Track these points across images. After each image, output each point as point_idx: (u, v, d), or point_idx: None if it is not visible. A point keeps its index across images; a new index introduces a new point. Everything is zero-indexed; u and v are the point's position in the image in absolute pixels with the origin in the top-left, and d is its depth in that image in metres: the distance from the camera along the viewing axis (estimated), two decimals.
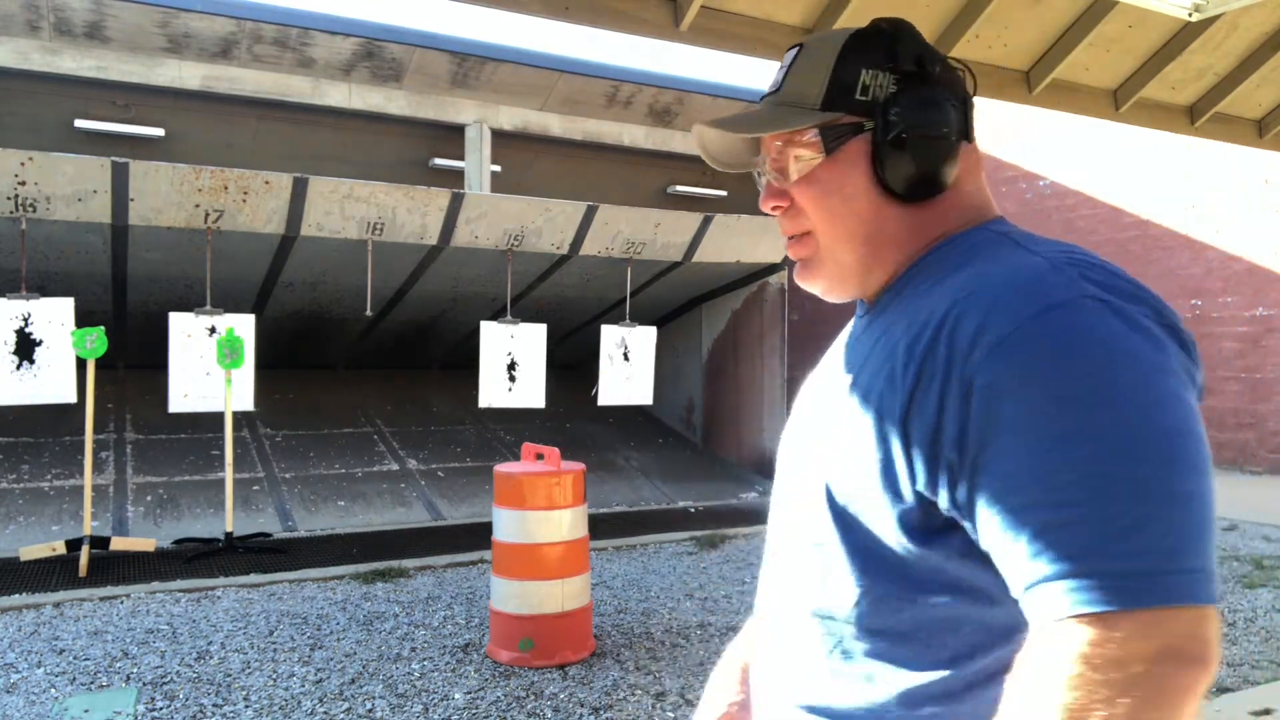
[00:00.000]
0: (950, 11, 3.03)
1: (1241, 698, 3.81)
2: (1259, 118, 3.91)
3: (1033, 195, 13.90)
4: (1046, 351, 0.70)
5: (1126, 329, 0.72)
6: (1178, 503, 0.66)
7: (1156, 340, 0.72)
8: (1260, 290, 11.27)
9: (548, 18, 2.63)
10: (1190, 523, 0.66)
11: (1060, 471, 0.66)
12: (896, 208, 0.88)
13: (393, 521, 7.51)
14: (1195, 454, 0.68)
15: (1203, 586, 0.64)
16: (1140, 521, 0.64)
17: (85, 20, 9.81)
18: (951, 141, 0.87)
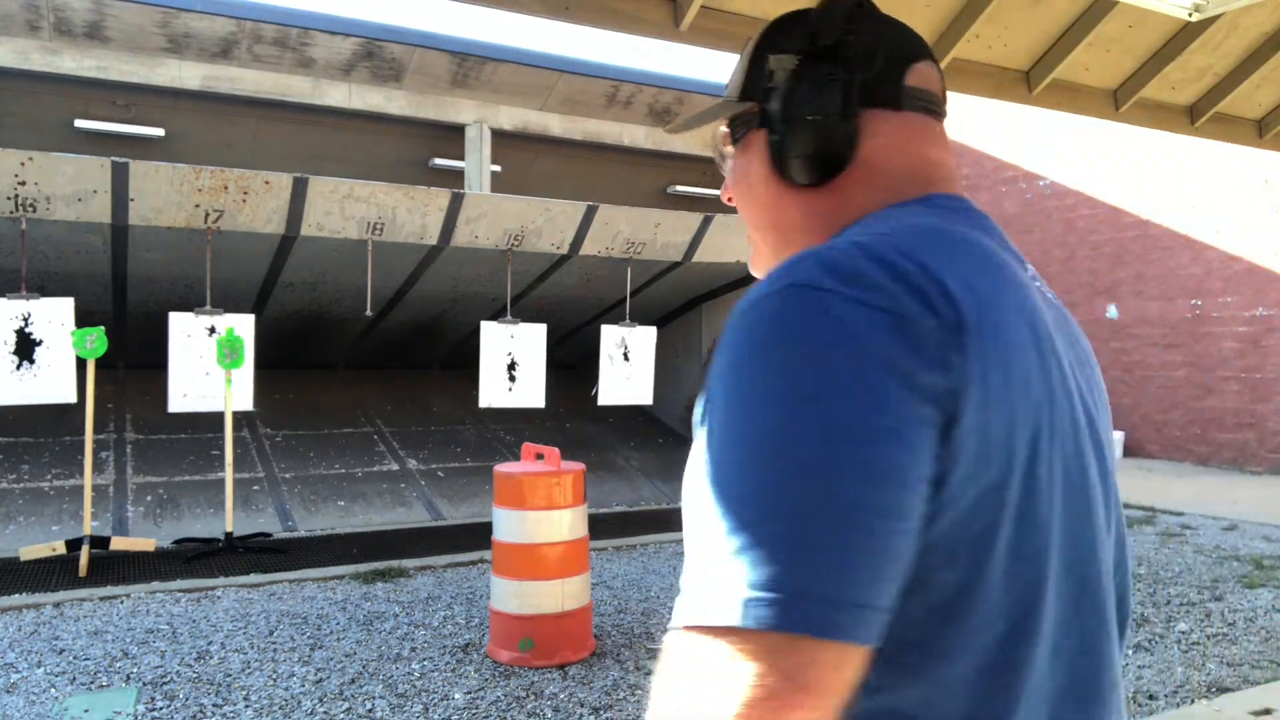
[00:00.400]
0: (950, 11, 3.03)
1: (1241, 698, 3.81)
2: (1259, 118, 3.91)
3: (1033, 195, 13.90)
4: (723, 348, 0.65)
5: (795, 313, 0.62)
6: (784, 522, 0.57)
7: (824, 312, 0.61)
8: (1260, 290, 11.27)
9: (548, 18, 2.63)
10: (790, 538, 0.56)
11: (704, 477, 0.61)
12: (795, 193, 0.83)
13: (393, 521, 7.51)
14: (822, 459, 0.58)
15: (776, 612, 0.55)
16: (739, 541, 0.57)
17: (85, 20, 9.81)
18: (830, 121, 0.79)
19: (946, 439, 0.61)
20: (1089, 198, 13.13)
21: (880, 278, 0.63)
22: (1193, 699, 3.86)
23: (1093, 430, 0.75)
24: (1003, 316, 0.66)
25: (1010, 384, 0.64)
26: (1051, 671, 0.69)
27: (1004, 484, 0.64)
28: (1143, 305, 12.55)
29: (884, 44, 0.82)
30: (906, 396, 0.60)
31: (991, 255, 0.72)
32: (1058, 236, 13.59)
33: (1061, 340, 0.75)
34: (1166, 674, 4.16)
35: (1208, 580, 5.87)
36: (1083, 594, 0.72)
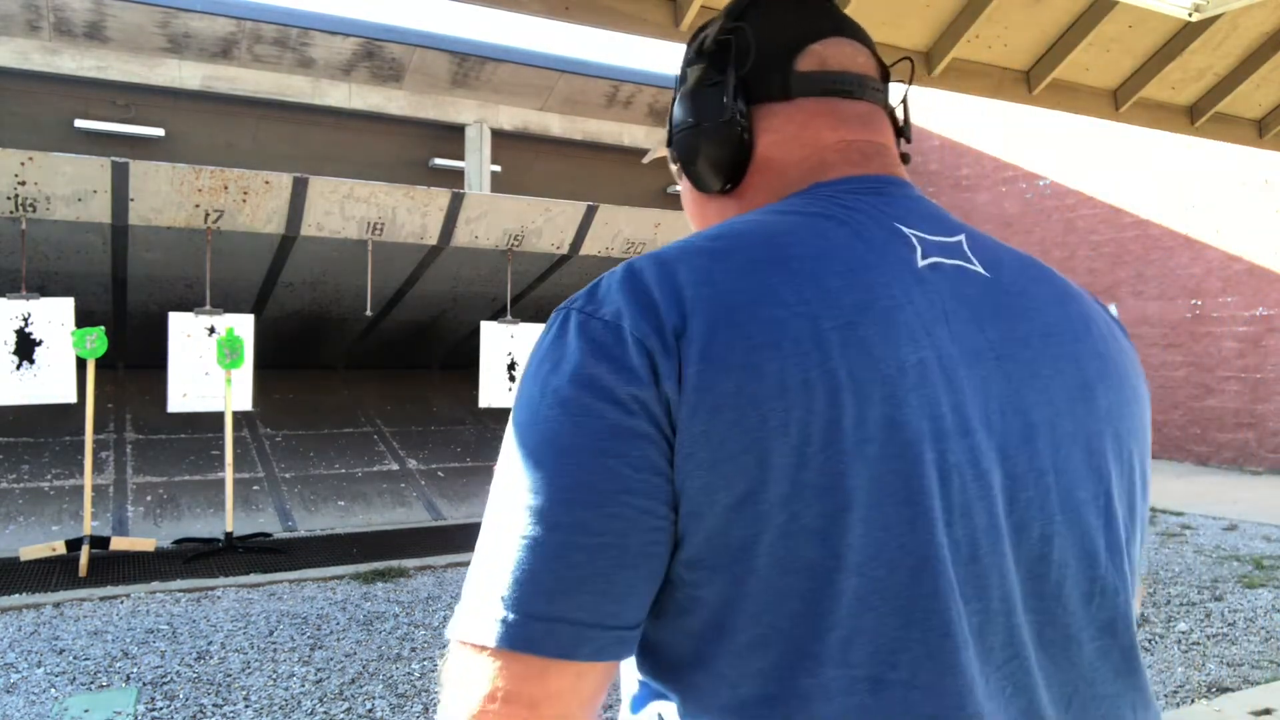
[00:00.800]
0: (950, 11, 3.03)
1: (1241, 698, 3.81)
2: (1259, 118, 3.91)
3: (1033, 195, 13.90)
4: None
5: (547, 338, 0.65)
6: (503, 543, 0.61)
7: (561, 341, 0.64)
8: (1260, 290, 11.28)
9: (548, 18, 2.63)
10: (506, 564, 0.60)
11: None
12: (712, 201, 0.84)
13: (393, 521, 7.51)
14: (531, 486, 0.60)
15: (493, 631, 0.59)
16: (477, 557, 0.63)
17: (85, 20, 9.82)
18: (715, 125, 0.79)
19: (673, 451, 0.60)
20: (1089, 198, 13.14)
21: (618, 292, 0.64)
22: (1193, 699, 3.86)
23: (969, 425, 0.66)
24: (755, 316, 0.62)
25: (757, 386, 0.60)
26: (870, 710, 0.61)
27: (757, 493, 0.60)
28: (1143, 305, 12.56)
29: (767, 34, 0.80)
30: (606, 411, 0.60)
31: (782, 248, 0.67)
32: (1058, 236, 13.59)
33: (959, 321, 0.69)
34: (1166, 674, 4.16)
35: (1208, 580, 5.87)
36: (915, 617, 0.61)
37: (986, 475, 0.65)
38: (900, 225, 0.73)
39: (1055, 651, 0.69)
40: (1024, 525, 0.67)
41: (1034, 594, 0.68)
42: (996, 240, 0.80)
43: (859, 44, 0.83)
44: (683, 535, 0.61)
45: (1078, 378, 0.73)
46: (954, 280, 0.71)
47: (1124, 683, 0.72)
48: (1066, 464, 0.70)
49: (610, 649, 0.61)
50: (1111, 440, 0.73)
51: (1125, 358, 0.79)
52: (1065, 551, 0.69)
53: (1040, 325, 0.73)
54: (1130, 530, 0.75)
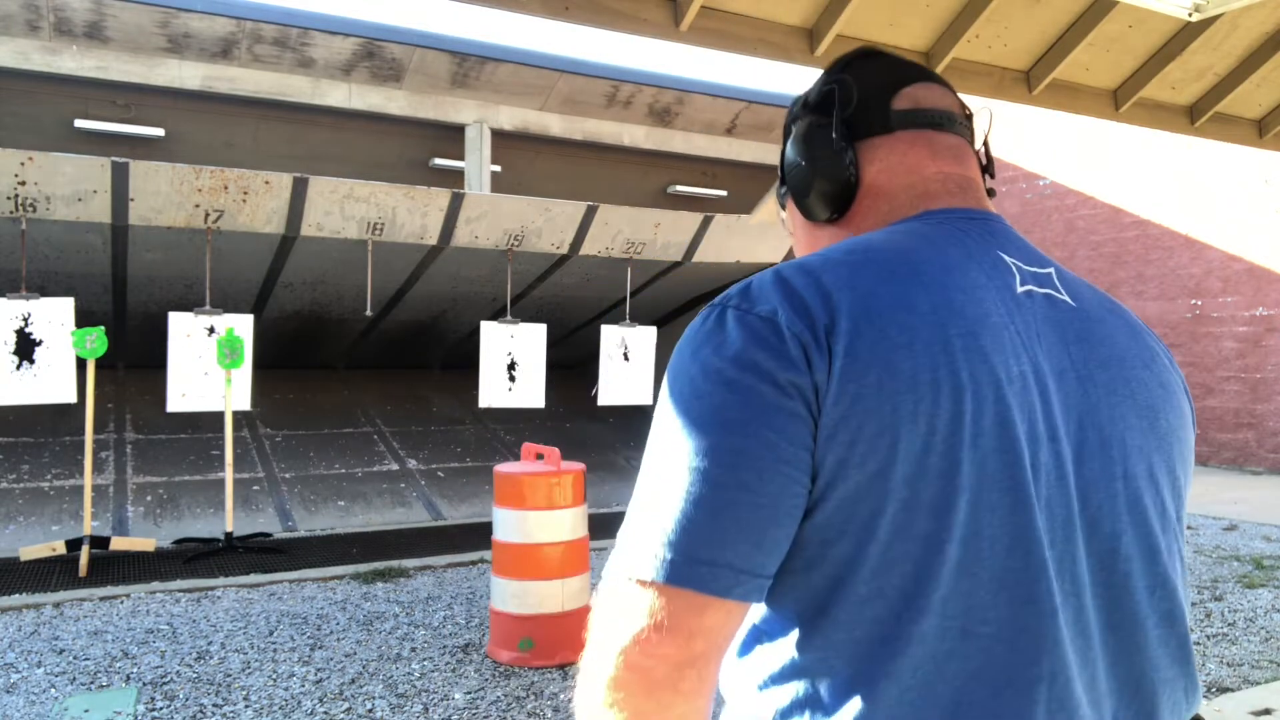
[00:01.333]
0: (950, 11, 3.03)
1: (1241, 698, 3.81)
2: (1259, 118, 3.91)
3: (1033, 195, 13.90)
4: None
5: (704, 327, 0.76)
6: (669, 496, 0.71)
7: (721, 329, 0.74)
8: (1260, 290, 11.27)
9: (548, 18, 2.63)
10: (676, 513, 0.70)
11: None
12: (822, 230, 0.96)
13: (393, 521, 7.51)
14: (700, 448, 0.71)
15: (662, 569, 0.69)
16: (639, 507, 0.73)
17: (85, 20, 9.81)
18: (824, 159, 0.92)
19: (817, 430, 0.71)
20: (1089, 198, 13.13)
21: (772, 292, 0.75)
22: None
23: (1056, 432, 0.77)
24: (893, 320, 0.73)
25: (893, 380, 0.71)
26: (957, 653, 0.72)
27: (886, 471, 0.71)
28: (1143, 305, 12.55)
29: (865, 82, 0.93)
30: (767, 392, 0.71)
31: (914, 263, 0.78)
32: (1058, 236, 13.59)
33: (1049, 343, 0.80)
34: None
35: (1208, 580, 5.87)
36: (1005, 584, 0.72)
37: (1066, 477, 0.77)
38: (1002, 254, 0.84)
39: (1123, 635, 0.79)
40: (1096, 522, 0.78)
41: (1104, 583, 0.78)
42: (1081, 279, 0.92)
43: (945, 88, 0.96)
44: (816, 502, 0.72)
45: (1146, 401, 0.85)
46: (1045, 306, 0.83)
47: (1180, 669, 0.83)
48: (1134, 472, 0.81)
49: (755, 594, 0.72)
50: (1165, 459, 0.85)
51: (1179, 387, 0.91)
52: (1131, 547, 0.80)
53: (1116, 352, 0.85)
54: (1180, 537, 0.88)
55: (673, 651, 0.69)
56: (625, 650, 0.70)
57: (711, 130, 14.40)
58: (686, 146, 14.29)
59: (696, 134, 14.36)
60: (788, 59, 2.98)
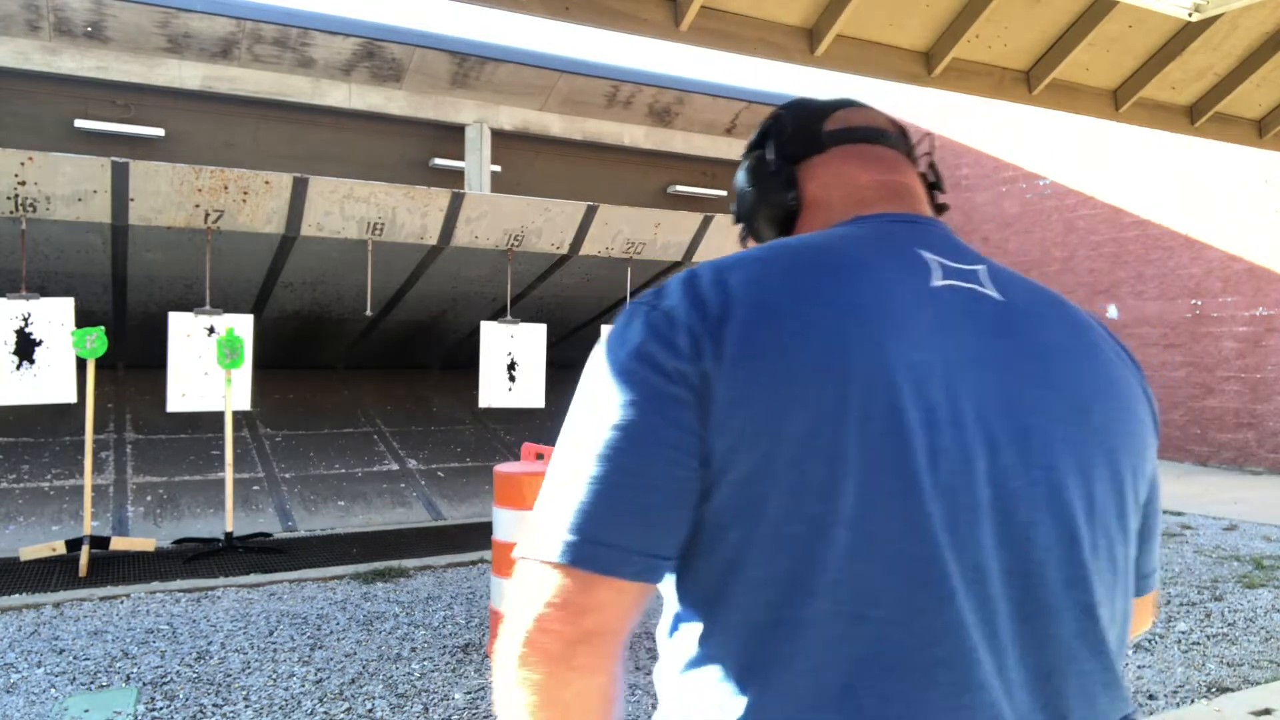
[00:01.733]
0: (950, 11, 3.03)
1: (1241, 698, 3.81)
2: (1259, 118, 3.91)
3: (1033, 195, 13.90)
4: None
5: (618, 325, 0.81)
6: (567, 481, 0.75)
7: (628, 326, 0.79)
8: (1260, 290, 11.27)
9: (548, 18, 2.63)
10: (569, 497, 0.74)
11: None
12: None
13: (393, 521, 7.51)
14: (593, 436, 0.75)
15: (555, 549, 0.73)
16: (546, 491, 0.77)
17: (85, 20, 9.82)
18: (765, 180, 1.00)
19: (706, 415, 0.74)
20: (1089, 198, 13.13)
21: (676, 289, 0.79)
22: (1193, 699, 3.86)
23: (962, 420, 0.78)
24: (788, 309, 0.77)
25: (784, 367, 0.74)
26: (849, 637, 0.73)
27: (773, 454, 0.73)
28: (1143, 305, 12.55)
29: (798, 114, 1.02)
30: (656, 380, 0.75)
31: (820, 258, 0.82)
32: (1058, 236, 13.59)
33: (964, 334, 0.81)
34: (1166, 674, 4.16)
35: (1208, 580, 5.87)
36: (898, 568, 0.73)
37: (971, 463, 0.77)
38: (924, 251, 0.87)
39: (1037, 625, 0.78)
40: (1010, 510, 0.78)
41: (1017, 571, 0.78)
42: (1019, 274, 0.93)
43: (874, 111, 1.03)
44: (712, 486, 0.75)
45: (1076, 393, 0.84)
46: (965, 300, 0.84)
47: (1098, 662, 0.82)
48: (1057, 463, 0.81)
49: (646, 573, 0.75)
50: (1103, 453, 0.84)
51: (1128, 384, 0.90)
52: (1049, 538, 0.79)
53: (1046, 345, 0.85)
54: (1119, 535, 0.85)
55: (565, 628, 0.73)
56: (526, 628, 0.74)
57: (711, 130, 14.40)
58: (686, 146, 14.30)
59: (696, 134, 14.36)
60: (788, 59, 2.99)
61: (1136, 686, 4.01)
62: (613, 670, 0.76)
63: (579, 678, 0.73)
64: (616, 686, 0.77)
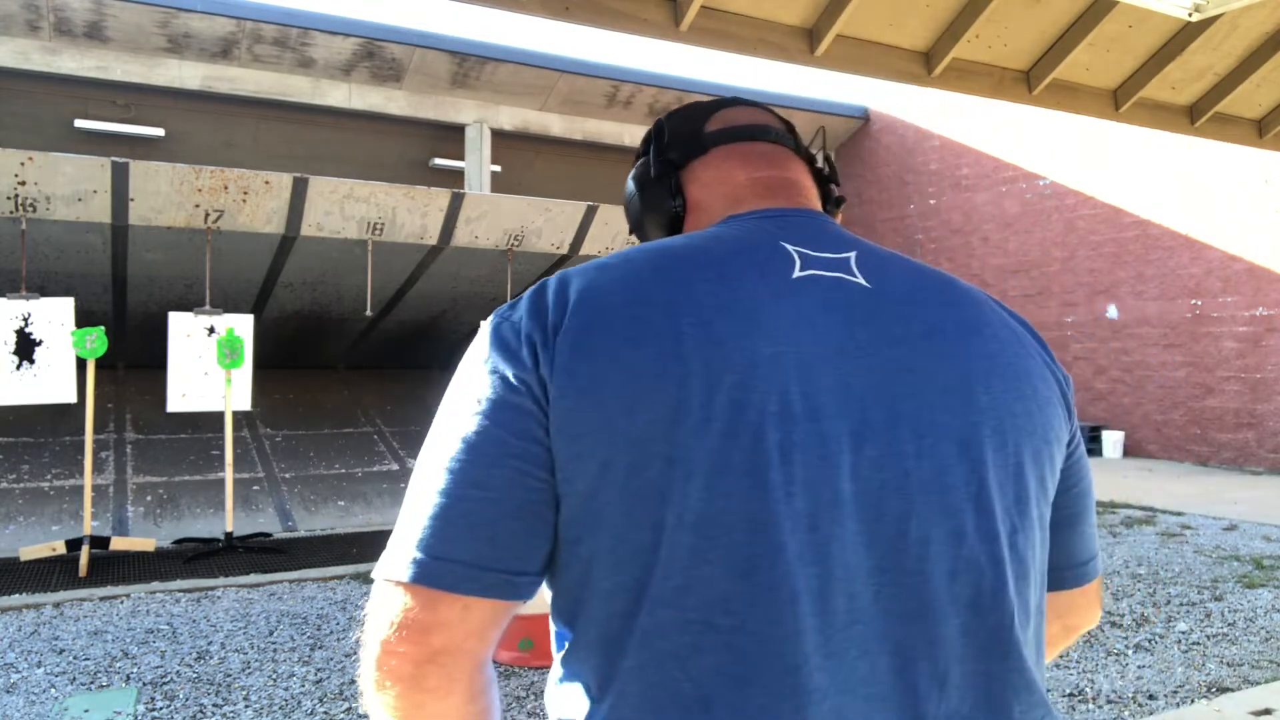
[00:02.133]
0: (950, 11, 3.03)
1: (1241, 698, 3.81)
2: (1259, 118, 3.91)
3: (1033, 195, 13.90)
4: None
5: (476, 339, 0.80)
6: (418, 498, 0.74)
7: (481, 339, 0.78)
8: (1260, 290, 11.28)
9: (548, 18, 2.63)
10: (416, 514, 0.73)
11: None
12: None
13: (393, 521, 7.43)
14: (441, 450, 0.74)
15: (400, 568, 0.72)
16: (402, 509, 0.76)
17: (85, 20, 9.82)
18: (648, 184, 0.98)
19: (548, 421, 0.72)
20: (1089, 198, 13.13)
21: (525, 301, 0.78)
22: (1193, 699, 3.86)
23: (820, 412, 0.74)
24: (622, 314, 0.75)
25: (617, 372, 0.72)
26: (701, 647, 0.70)
27: (612, 461, 0.71)
28: (1143, 305, 12.55)
29: (679, 119, 1.01)
30: (500, 391, 0.73)
31: (662, 261, 0.80)
32: (1058, 236, 13.59)
33: (826, 325, 0.78)
34: (1166, 674, 4.16)
35: (1208, 580, 5.87)
36: (746, 572, 0.70)
37: (833, 456, 0.73)
38: (785, 244, 0.84)
39: (917, 623, 0.74)
40: (879, 503, 0.74)
41: (891, 567, 0.74)
42: (899, 256, 0.89)
43: (758, 109, 1.01)
44: (561, 497, 0.73)
45: (956, 374, 0.79)
46: (827, 289, 0.81)
47: (999, 665, 0.76)
48: (934, 451, 0.76)
49: (495, 588, 0.72)
50: (992, 434, 0.78)
51: (1021, 361, 0.84)
52: (927, 530, 0.74)
53: (920, 328, 0.81)
54: (1020, 522, 0.79)
55: (411, 649, 0.71)
56: (375, 652, 0.72)
57: None
58: None
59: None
60: (788, 59, 2.99)
61: (1136, 687, 4.01)
62: (468, 692, 0.73)
63: (432, 700, 0.72)
64: (481, 705, 0.75)
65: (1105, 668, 4.25)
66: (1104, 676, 4.13)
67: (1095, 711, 3.73)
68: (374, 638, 0.72)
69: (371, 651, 0.72)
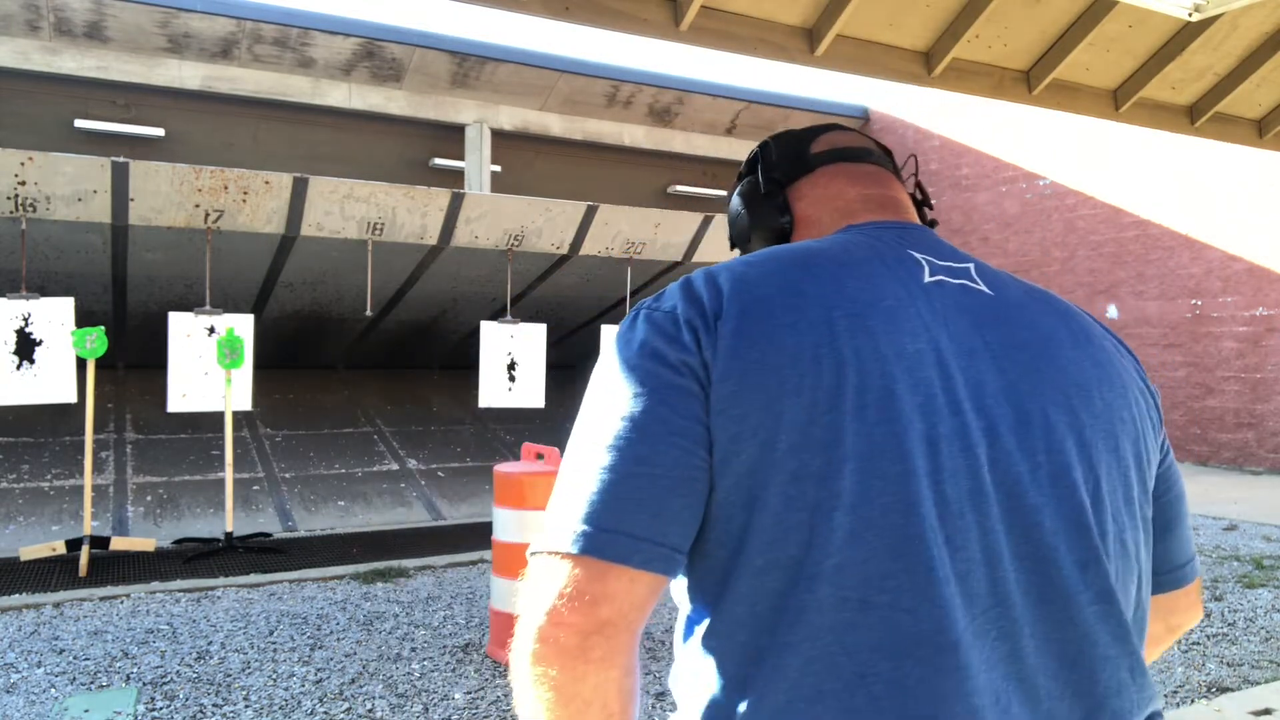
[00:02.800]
0: (950, 11, 3.03)
1: (1241, 698, 3.81)
2: (1259, 118, 3.91)
3: (1033, 195, 13.90)
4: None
5: (623, 327, 0.84)
6: (580, 474, 0.77)
7: (633, 327, 0.82)
8: (1260, 290, 11.27)
9: (548, 18, 2.63)
10: (580, 490, 0.76)
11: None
12: None
13: (393, 521, 7.51)
14: (603, 429, 0.77)
15: (566, 540, 0.74)
16: (559, 489, 0.79)
17: (85, 20, 9.82)
18: (757, 204, 1.04)
19: (710, 405, 0.76)
20: (1089, 198, 13.13)
21: (675, 292, 0.83)
22: (1193, 699, 3.86)
23: (960, 406, 0.79)
24: (780, 303, 0.79)
25: (777, 356, 0.76)
26: (857, 624, 0.73)
27: (773, 442, 0.74)
28: (1143, 305, 12.55)
29: (785, 142, 1.06)
30: (662, 372, 0.77)
31: (810, 259, 0.85)
32: (1058, 236, 13.59)
33: (959, 326, 0.83)
34: (1166, 674, 4.16)
35: (1208, 580, 5.87)
36: (901, 553, 0.73)
37: (973, 448, 0.78)
38: (913, 251, 0.90)
39: (1054, 609, 0.78)
40: (1016, 494, 0.78)
41: (1028, 555, 0.78)
42: (1007, 273, 0.95)
43: (857, 134, 1.07)
44: (717, 477, 0.76)
45: (1075, 379, 0.85)
46: (956, 294, 0.86)
47: (1121, 647, 0.81)
48: (1060, 448, 0.81)
49: (657, 562, 0.75)
50: (1105, 437, 0.84)
51: (1126, 372, 0.91)
52: (1057, 521, 0.79)
53: (1040, 335, 0.87)
54: (1129, 521, 0.85)
55: (579, 620, 0.73)
56: (539, 623, 0.74)
57: (712, 130, 14.40)
58: (686, 146, 14.30)
59: (697, 134, 14.36)
60: (788, 59, 2.99)
61: None
62: (628, 664, 0.76)
63: (595, 671, 0.74)
64: (633, 681, 0.78)
65: None
66: None
67: None
68: (538, 609, 0.74)
69: (534, 622, 0.74)
